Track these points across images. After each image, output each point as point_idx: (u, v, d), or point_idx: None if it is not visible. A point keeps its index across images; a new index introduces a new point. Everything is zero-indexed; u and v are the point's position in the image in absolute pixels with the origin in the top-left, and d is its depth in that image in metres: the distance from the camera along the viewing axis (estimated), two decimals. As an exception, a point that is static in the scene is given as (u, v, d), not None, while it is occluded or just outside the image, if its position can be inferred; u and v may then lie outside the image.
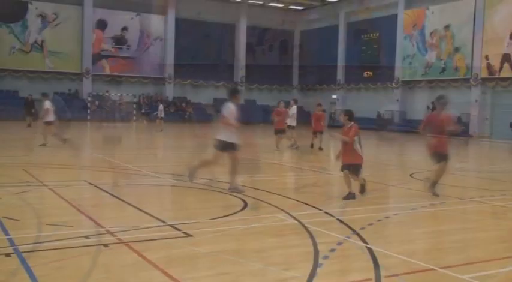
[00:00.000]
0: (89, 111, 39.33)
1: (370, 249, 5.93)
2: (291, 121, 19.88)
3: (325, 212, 7.99)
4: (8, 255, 5.38)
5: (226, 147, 9.56)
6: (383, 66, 41.27)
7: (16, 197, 8.69)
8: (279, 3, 47.23)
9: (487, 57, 33.82)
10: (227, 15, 46.98)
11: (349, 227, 7.05)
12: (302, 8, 48.54)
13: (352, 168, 8.99)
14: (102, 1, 41.66)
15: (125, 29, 43.19)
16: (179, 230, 6.63)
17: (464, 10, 35.09)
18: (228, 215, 7.66)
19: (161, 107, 30.94)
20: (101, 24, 42.44)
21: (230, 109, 9.61)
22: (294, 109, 20.19)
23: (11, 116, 35.70)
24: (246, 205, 8.42)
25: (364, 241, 6.30)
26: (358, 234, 6.62)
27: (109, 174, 12.10)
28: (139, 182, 10.98)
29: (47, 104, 18.27)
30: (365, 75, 43.08)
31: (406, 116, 39.77)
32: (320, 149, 19.21)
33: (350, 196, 8.99)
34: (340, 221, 7.40)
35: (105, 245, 5.84)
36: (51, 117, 18.21)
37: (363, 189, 9.19)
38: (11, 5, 39.27)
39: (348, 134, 8.94)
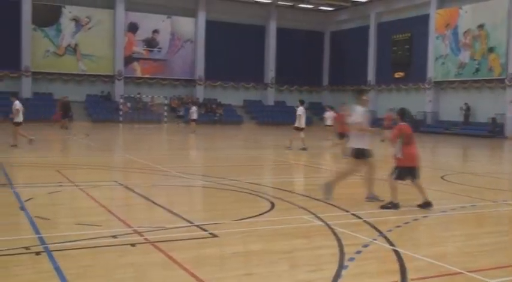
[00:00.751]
0: (120, 113, 39.91)
1: (397, 252, 5.86)
2: (298, 123, 19.79)
3: (353, 214, 7.93)
4: (38, 253, 5.50)
5: (360, 154, 9.01)
6: (415, 66, 40.74)
7: (48, 196, 8.89)
8: (309, 5, 47.08)
9: (522, 57, 33.06)
10: (257, 16, 47.07)
11: (376, 229, 6.98)
12: (332, 8, 48.28)
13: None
14: (134, 4, 42.29)
15: (156, 31, 43.69)
16: (206, 230, 6.68)
17: (499, 9, 34.34)
18: (255, 216, 7.68)
19: (194, 109, 31.20)
20: (133, 27, 43.05)
21: (359, 114, 9.13)
22: (299, 110, 20.04)
23: (45, 118, 36.50)
24: (273, 206, 8.42)
25: (391, 243, 6.23)
26: (385, 237, 6.55)
27: (139, 175, 12.25)
28: (168, 182, 11.09)
29: (17, 105, 18.17)
30: (396, 75, 42.59)
31: (439, 117, 39.17)
32: None
33: (391, 205, 8.44)
34: (368, 223, 7.33)
35: (132, 245, 5.92)
36: (20, 118, 18.09)
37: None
38: (46, 9, 40.18)
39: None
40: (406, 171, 8.47)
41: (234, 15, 45.72)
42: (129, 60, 42.95)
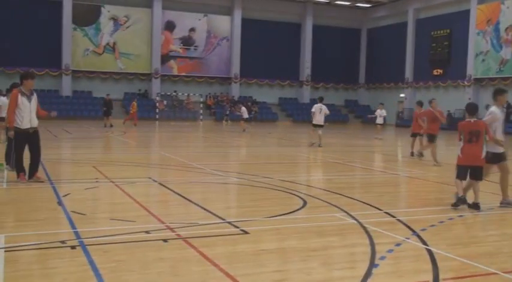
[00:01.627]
0: (157, 110, 40.43)
1: (430, 251, 5.77)
2: (315, 120, 19.89)
3: (386, 212, 7.84)
4: (73, 247, 5.64)
5: (495, 158, 8.58)
6: (454, 63, 39.91)
7: (84, 192, 9.09)
8: (346, 1, 46.68)
9: None
10: (293, 14, 46.98)
11: (409, 228, 6.89)
12: (369, 5, 47.76)
13: None
14: (171, 3, 42.78)
15: (192, 30, 44.12)
16: (237, 227, 6.72)
17: (542, 3, 33.37)
18: (287, 214, 7.67)
19: (243, 109, 31.57)
20: (170, 26, 43.57)
21: (493, 116, 8.70)
22: (314, 107, 20.04)
23: (86, 116, 37.36)
24: (305, 204, 8.40)
25: (424, 243, 6.14)
26: (418, 236, 6.46)
27: (174, 172, 12.40)
28: (202, 179, 11.18)
29: (2, 100, 18.02)
30: (435, 73, 41.84)
31: (479, 115, 38.26)
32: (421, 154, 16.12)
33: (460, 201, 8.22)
34: (401, 222, 7.24)
35: (165, 240, 6.00)
36: (4, 113, 17.88)
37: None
38: (86, 9, 41.04)
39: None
40: (463, 169, 8.32)
41: (269, 13, 45.74)
42: (165, 58, 43.50)
